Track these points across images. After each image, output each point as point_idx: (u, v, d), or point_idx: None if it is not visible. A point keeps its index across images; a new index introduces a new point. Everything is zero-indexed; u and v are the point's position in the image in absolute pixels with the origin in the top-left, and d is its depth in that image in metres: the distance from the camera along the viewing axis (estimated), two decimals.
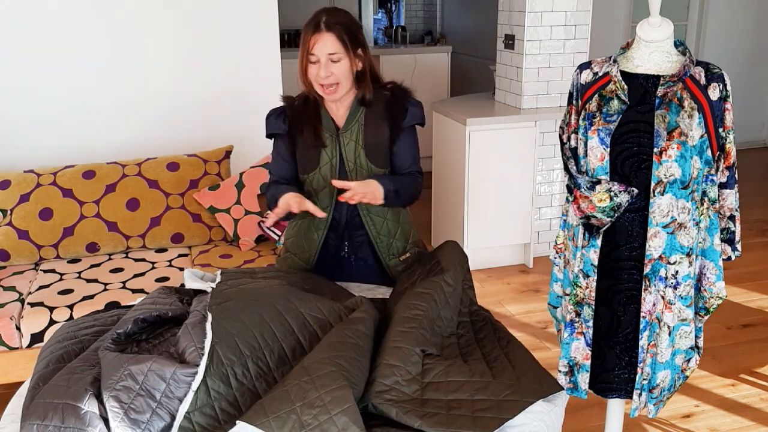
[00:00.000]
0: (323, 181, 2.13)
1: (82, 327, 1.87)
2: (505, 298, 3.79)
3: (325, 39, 1.98)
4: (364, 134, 2.10)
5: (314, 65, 2.02)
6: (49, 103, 3.43)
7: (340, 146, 2.11)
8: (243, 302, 1.73)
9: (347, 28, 2.01)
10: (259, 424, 1.41)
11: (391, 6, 8.76)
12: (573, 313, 2.02)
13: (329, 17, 2.00)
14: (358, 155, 2.11)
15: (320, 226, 2.16)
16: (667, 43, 1.87)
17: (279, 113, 2.17)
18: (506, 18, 4.18)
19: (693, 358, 2.01)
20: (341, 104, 2.13)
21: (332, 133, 2.12)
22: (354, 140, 2.10)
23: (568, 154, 2.01)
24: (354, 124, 2.11)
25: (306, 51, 2.01)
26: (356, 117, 2.11)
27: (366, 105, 2.11)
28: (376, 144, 2.11)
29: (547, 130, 4.10)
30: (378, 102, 2.12)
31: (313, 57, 2.00)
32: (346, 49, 2.01)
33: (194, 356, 1.54)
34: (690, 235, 1.86)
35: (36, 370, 1.69)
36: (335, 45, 1.99)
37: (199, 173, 3.20)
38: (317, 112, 2.13)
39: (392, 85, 2.17)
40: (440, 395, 1.56)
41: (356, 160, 2.11)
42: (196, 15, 3.53)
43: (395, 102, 2.12)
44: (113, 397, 1.46)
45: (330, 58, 1.99)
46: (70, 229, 3.00)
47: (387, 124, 2.11)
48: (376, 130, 2.11)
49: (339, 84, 2.03)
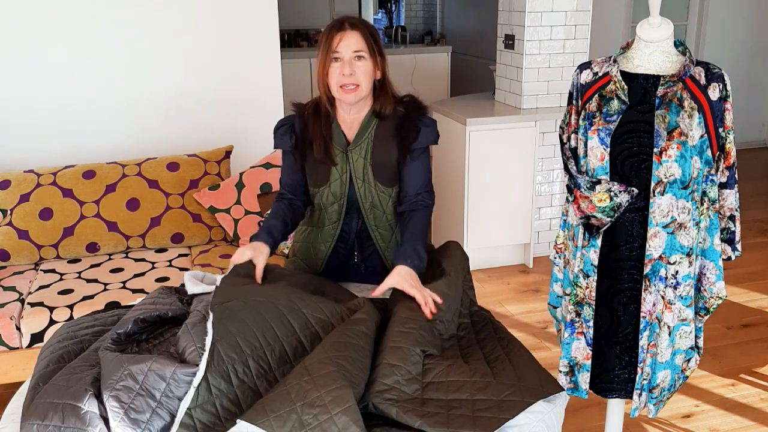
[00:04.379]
0: (332, 197, 2.09)
1: (82, 327, 1.87)
2: (505, 298, 3.79)
3: (350, 36, 1.96)
4: (373, 152, 2.06)
5: (337, 64, 1.97)
6: (49, 103, 3.43)
7: (350, 162, 2.07)
8: (245, 302, 1.73)
9: (370, 31, 2.02)
10: (260, 423, 1.41)
11: (391, 6, 8.76)
12: (573, 313, 2.02)
13: (352, 19, 2.01)
14: (366, 173, 2.07)
15: (328, 238, 2.14)
16: (667, 43, 1.87)
17: (286, 128, 2.11)
18: (506, 18, 4.18)
19: (693, 358, 2.01)
20: (355, 115, 2.08)
21: (342, 148, 2.07)
22: (362, 157, 2.06)
23: (568, 154, 2.01)
24: (364, 140, 2.06)
25: (329, 49, 1.97)
26: (367, 132, 2.06)
27: (381, 118, 2.07)
28: (384, 163, 2.06)
29: (547, 130, 4.11)
30: (391, 117, 2.07)
31: (337, 54, 1.96)
32: (371, 49, 1.99)
33: (194, 356, 1.54)
34: (690, 235, 1.86)
35: (36, 370, 1.69)
36: (360, 43, 1.97)
37: (199, 173, 3.20)
38: (328, 125, 2.08)
39: (409, 98, 2.11)
40: (440, 395, 1.56)
41: (364, 177, 2.07)
42: (196, 15, 3.53)
43: (407, 120, 2.06)
44: (113, 397, 1.46)
45: (355, 55, 1.97)
46: (70, 229, 3.00)
47: (396, 142, 2.06)
48: (384, 148, 2.06)
49: (359, 86, 1.99)
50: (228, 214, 3.13)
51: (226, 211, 3.13)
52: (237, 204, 3.13)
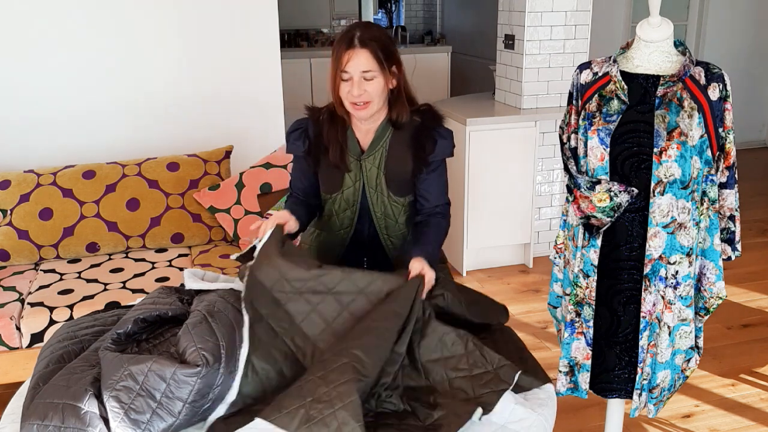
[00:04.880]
0: (345, 203, 2.07)
1: (82, 327, 1.87)
2: (505, 298, 3.79)
3: (359, 56, 1.88)
4: (387, 162, 2.02)
5: (347, 83, 1.91)
6: (49, 103, 3.43)
7: (363, 171, 2.04)
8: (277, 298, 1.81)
9: (382, 45, 1.91)
10: (273, 420, 1.49)
11: (391, 6, 8.76)
12: (573, 313, 2.02)
13: (363, 32, 1.90)
14: (379, 182, 2.03)
15: (339, 244, 2.12)
16: (667, 43, 1.87)
17: (300, 133, 2.07)
18: (506, 18, 4.18)
19: (693, 358, 2.01)
20: (370, 124, 2.03)
21: (356, 156, 2.03)
22: (376, 166, 2.03)
23: (568, 154, 2.01)
24: (378, 149, 2.02)
25: (338, 68, 1.90)
26: (382, 141, 2.02)
27: (397, 127, 2.02)
28: (398, 173, 2.03)
29: (547, 130, 4.11)
30: (407, 127, 2.02)
31: (346, 75, 1.90)
32: (381, 66, 1.90)
33: (195, 356, 1.54)
34: (690, 235, 1.86)
35: (36, 370, 1.69)
36: (370, 62, 1.88)
37: (199, 173, 3.20)
38: (344, 132, 2.04)
39: (426, 107, 2.05)
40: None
41: (377, 187, 2.04)
42: (196, 15, 3.53)
43: (423, 131, 2.00)
44: (113, 398, 1.46)
45: (364, 76, 1.89)
46: (70, 229, 3.00)
47: (411, 154, 2.01)
48: (399, 158, 2.02)
49: (371, 102, 1.94)
50: (228, 214, 3.13)
51: (226, 211, 3.13)
52: (237, 204, 3.13)
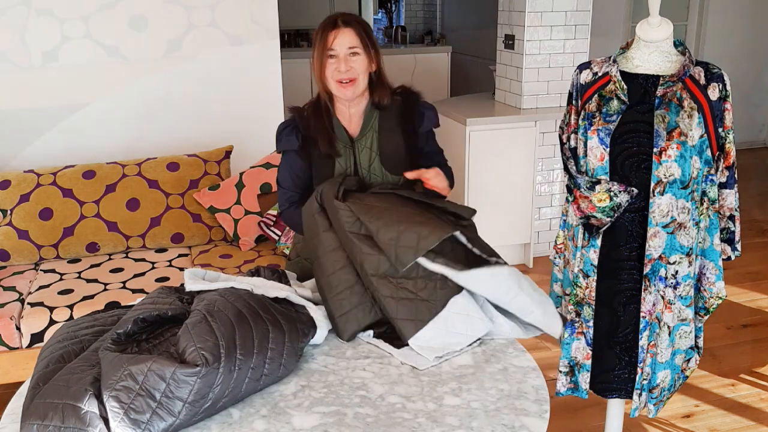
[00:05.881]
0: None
1: (82, 327, 1.87)
2: None
3: (345, 34, 2.03)
4: (380, 142, 2.10)
5: (333, 60, 2.04)
6: (48, 103, 3.43)
7: (355, 155, 2.10)
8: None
9: (364, 26, 2.08)
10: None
11: (391, 6, 8.76)
12: (573, 313, 2.02)
13: (345, 15, 2.07)
14: (373, 162, 2.10)
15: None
16: (667, 43, 1.87)
17: (291, 129, 2.14)
18: (506, 18, 4.18)
19: (693, 358, 2.01)
20: (354, 110, 2.11)
21: (346, 143, 2.11)
22: (369, 147, 2.11)
23: (567, 154, 2.01)
24: (369, 130, 2.11)
25: (324, 47, 2.04)
26: (370, 123, 2.11)
27: (381, 109, 2.12)
28: (391, 151, 2.11)
29: (547, 130, 4.10)
30: (390, 107, 2.13)
31: (333, 51, 2.03)
32: (365, 44, 2.05)
33: (194, 356, 1.54)
34: (690, 235, 1.86)
35: (36, 370, 1.69)
36: (354, 39, 2.03)
37: (199, 173, 3.20)
38: (330, 121, 2.12)
39: (401, 89, 2.17)
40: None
41: (370, 167, 2.11)
42: (196, 15, 3.53)
43: (408, 107, 2.14)
44: (113, 397, 1.46)
45: (350, 52, 2.03)
46: (70, 229, 3.00)
47: (401, 130, 2.12)
48: (390, 138, 2.11)
49: (356, 80, 2.04)
50: (228, 214, 3.13)
51: (226, 211, 3.13)
52: (237, 204, 3.13)
